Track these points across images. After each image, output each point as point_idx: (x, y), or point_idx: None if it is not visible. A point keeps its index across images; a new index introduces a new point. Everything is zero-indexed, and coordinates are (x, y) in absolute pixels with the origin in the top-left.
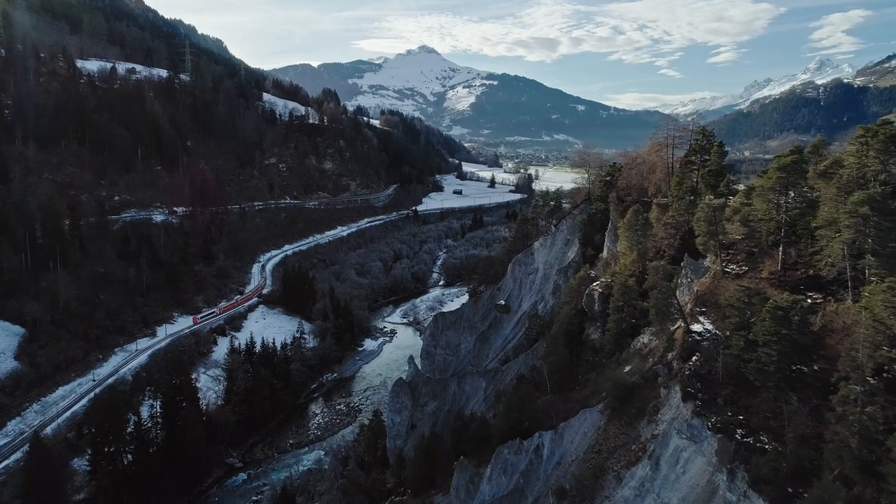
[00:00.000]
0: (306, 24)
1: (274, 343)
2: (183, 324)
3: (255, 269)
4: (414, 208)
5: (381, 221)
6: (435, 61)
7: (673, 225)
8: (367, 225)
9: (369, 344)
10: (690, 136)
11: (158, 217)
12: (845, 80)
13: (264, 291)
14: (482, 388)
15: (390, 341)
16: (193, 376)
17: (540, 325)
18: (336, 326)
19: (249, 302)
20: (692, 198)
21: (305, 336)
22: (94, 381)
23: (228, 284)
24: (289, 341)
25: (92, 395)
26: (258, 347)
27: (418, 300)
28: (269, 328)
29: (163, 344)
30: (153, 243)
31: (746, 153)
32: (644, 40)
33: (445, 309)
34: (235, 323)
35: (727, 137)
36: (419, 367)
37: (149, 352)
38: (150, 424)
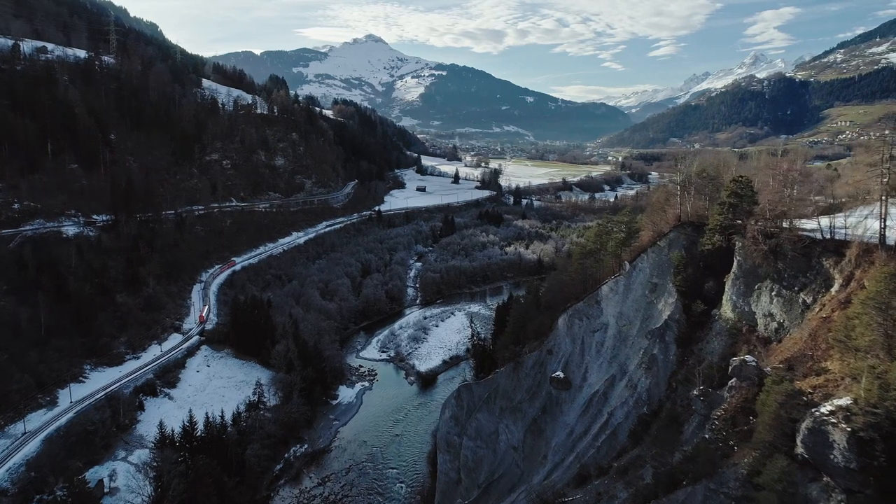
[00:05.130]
0: (247, 11)
1: (223, 416)
2: (97, 381)
3: (196, 292)
4: (377, 208)
5: (342, 224)
6: (382, 50)
7: None
8: (327, 229)
9: (345, 393)
10: None
11: (71, 229)
12: (787, 74)
13: (208, 327)
14: None
15: (370, 388)
16: (107, 472)
17: (663, 444)
18: (304, 378)
19: (189, 343)
20: None
21: (265, 396)
22: None
23: (161, 319)
24: (242, 407)
25: None
26: (200, 425)
27: (396, 326)
28: (216, 381)
29: (65, 419)
30: (60, 268)
31: (696, 146)
32: (588, 33)
33: (431, 338)
34: (170, 376)
35: (677, 130)
36: (438, 464)
37: (43, 434)
38: None
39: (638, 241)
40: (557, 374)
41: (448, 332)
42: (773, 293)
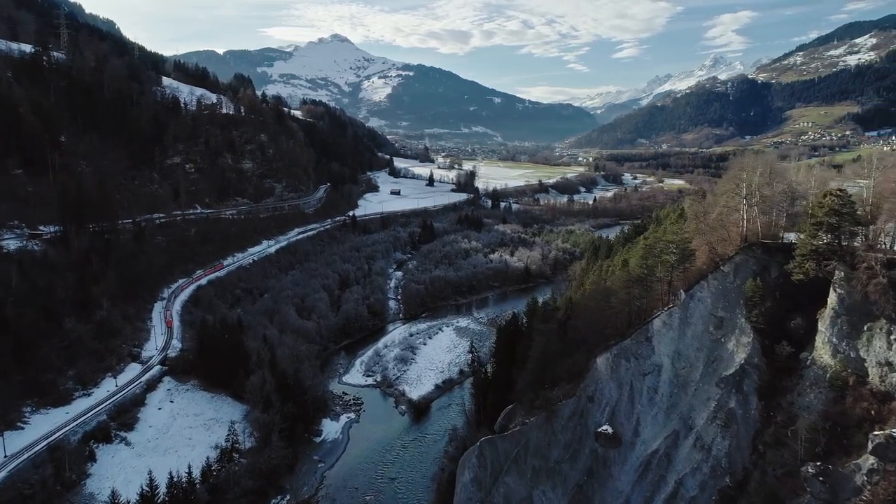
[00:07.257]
0: (208, 9)
1: (190, 471)
2: (38, 426)
3: (157, 312)
4: (351, 213)
5: (315, 231)
6: (348, 50)
7: None
8: (299, 237)
9: (329, 428)
10: None
11: (12, 243)
12: (750, 76)
13: (171, 354)
14: None
15: (357, 420)
16: None
17: None
18: (284, 416)
19: (149, 374)
20: None
21: (238, 440)
22: None
23: (117, 346)
24: (213, 455)
25: None
26: (163, 486)
27: (381, 345)
28: (181, 419)
29: None
30: None
31: (664, 146)
32: (553, 35)
33: (420, 358)
34: (127, 416)
35: (644, 131)
36: None
37: None
38: None
39: (692, 264)
40: (605, 428)
41: (438, 351)
42: (893, 337)
